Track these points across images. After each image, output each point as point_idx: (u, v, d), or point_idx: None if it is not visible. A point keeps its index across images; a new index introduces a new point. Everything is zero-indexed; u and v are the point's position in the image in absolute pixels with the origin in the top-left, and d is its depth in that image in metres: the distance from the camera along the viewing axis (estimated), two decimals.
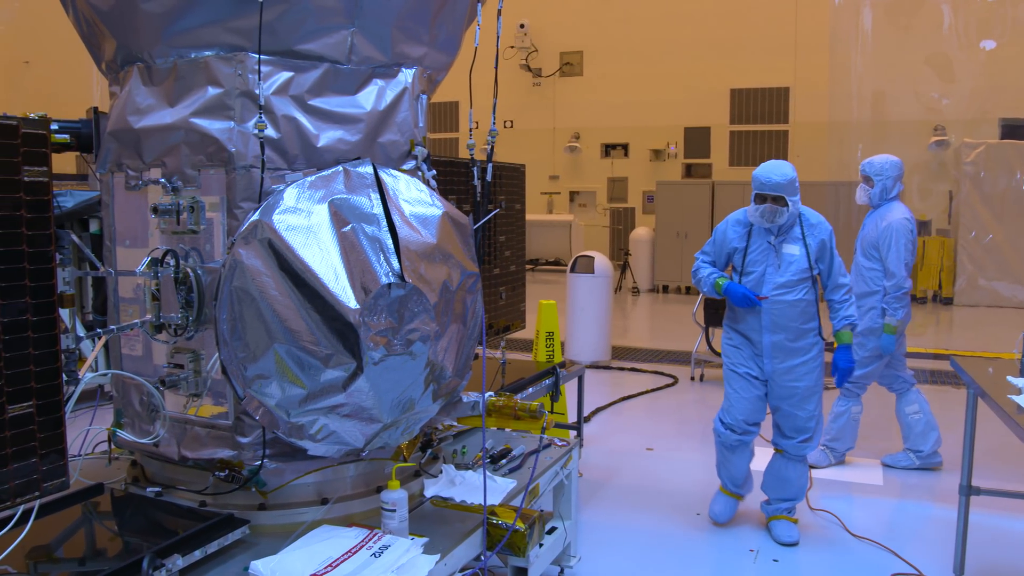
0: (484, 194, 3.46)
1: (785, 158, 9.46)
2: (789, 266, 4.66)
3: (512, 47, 20.74)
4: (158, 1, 3.08)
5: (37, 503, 2.66)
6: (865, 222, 6.05)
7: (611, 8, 20.15)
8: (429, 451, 3.74)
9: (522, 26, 21.09)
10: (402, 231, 2.95)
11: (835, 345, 4.82)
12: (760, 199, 4.61)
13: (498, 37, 3.60)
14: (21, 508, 2.64)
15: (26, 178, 2.53)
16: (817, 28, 17.20)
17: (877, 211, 5.97)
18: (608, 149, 21.45)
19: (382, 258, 2.86)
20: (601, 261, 9.73)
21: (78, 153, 3.73)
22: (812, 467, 6.02)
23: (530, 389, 5.31)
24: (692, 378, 9.04)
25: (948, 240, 15.08)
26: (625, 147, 21.25)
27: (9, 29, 15.15)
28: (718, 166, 19.89)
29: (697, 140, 20.33)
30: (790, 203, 4.56)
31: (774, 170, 4.55)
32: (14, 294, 2.50)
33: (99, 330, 3.16)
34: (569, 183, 21.77)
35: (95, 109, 3.60)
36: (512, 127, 20.74)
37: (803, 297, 4.66)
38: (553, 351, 6.20)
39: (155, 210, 3.14)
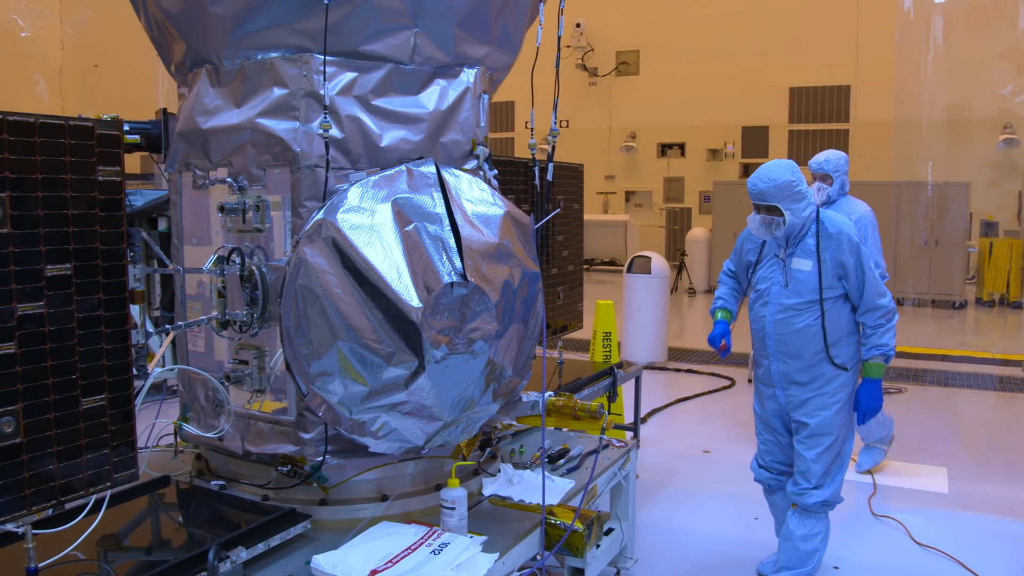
0: (545, 194, 3.46)
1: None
2: (799, 285, 3.95)
3: (568, 46, 20.72)
4: (227, 4, 3.13)
5: (108, 493, 2.73)
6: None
7: (668, 7, 20.00)
8: (488, 450, 3.75)
9: (578, 25, 21.04)
10: (464, 230, 2.96)
11: (860, 378, 4.09)
12: (756, 207, 3.96)
13: (559, 37, 3.60)
14: (93, 498, 2.71)
15: (100, 178, 2.59)
16: (881, 24, 16.87)
17: (835, 207, 5.66)
18: (664, 149, 21.30)
19: (444, 257, 2.88)
20: (658, 261, 9.66)
21: (146, 153, 3.82)
22: (871, 471, 5.90)
23: (587, 390, 5.29)
24: (749, 380, 8.91)
25: (1016, 242, 14.62)
26: (682, 147, 21.08)
27: (81, 33, 15.58)
28: None
29: (755, 139, 20.07)
30: (786, 212, 3.84)
31: (762, 175, 3.87)
32: (88, 290, 2.56)
33: (167, 326, 3.23)
34: (625, 183, 21.67)
35: (164, 110, 3.67)
36: (568, 127, 20.72)
37: (814, 323, 3.92)
38: (610, 351, 6.18)
39: (221, 209, 3.19)
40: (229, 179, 3.22)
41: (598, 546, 3.68)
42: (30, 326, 2.43)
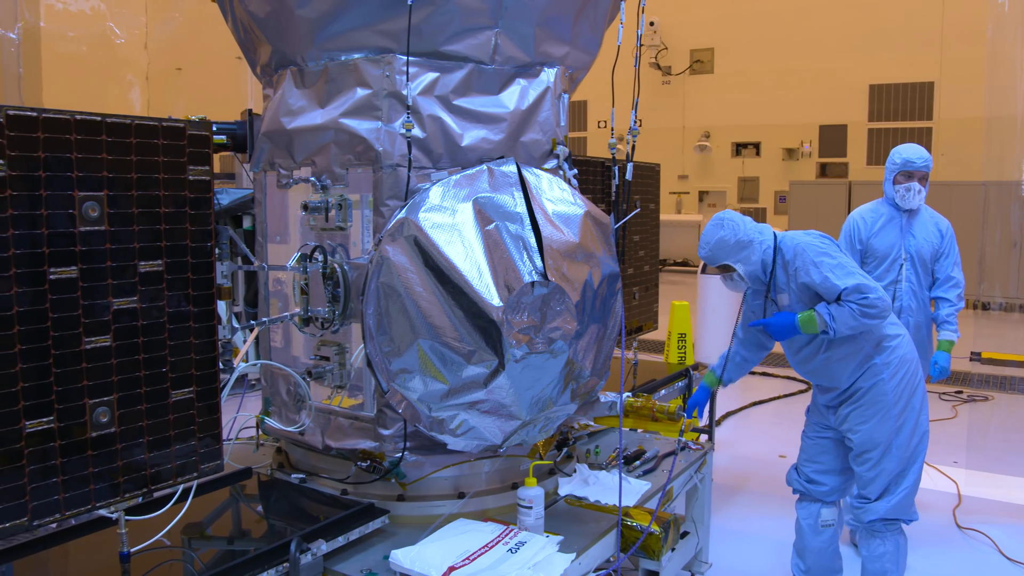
0: (625, 193, 3.44)
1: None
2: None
3: (641, 45, 20.53)
4: (312, 6, 3.19)
5: (195, 483, 2.81)
6: (911, 231, 4.85)
7: (744, 3, 19.69)
8: (564, 450, 3.75)
9: (651, 24, 20.86)
10: (545, 229, 2.96)
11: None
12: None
13: (639, 35, 3.57)
14: (181, 487, 2.79)
15: (191, 177, 2.66)
16: (968, 17, 16.32)
17: (917, 219, 4.88)
18: (739, 148, 20.98)
19: (525, 256, 2.88)
20: None
21: (231, 152, 3.91)
22: None
23: (663, 391, 5.24)
24: None
25: None
26: (757, 146, 20.74)
27: (166, 39, 16.07)
28: (855, 165, 19.14)
29: (833, 138, 19.62)
30: (736, 266, 3.69)
31: (702, 240, 3.73)
32: (178, 286, 2.64)
33: (252, 322, 3.30)
34: (698, 183, 21.42)
35: (249, 111, 3.76)
36: (640, 126, 20.51)
37: (828, 352, 3.72)
38: (685, 353, 6.11)
39: (305, 207, 3.25)
40: (312, 178, 3.28)
41: (673, 549, 3.64)
42: (124, 320, 2.51)
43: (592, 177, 5.02)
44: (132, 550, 2.76)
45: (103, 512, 2.63)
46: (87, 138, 2.39)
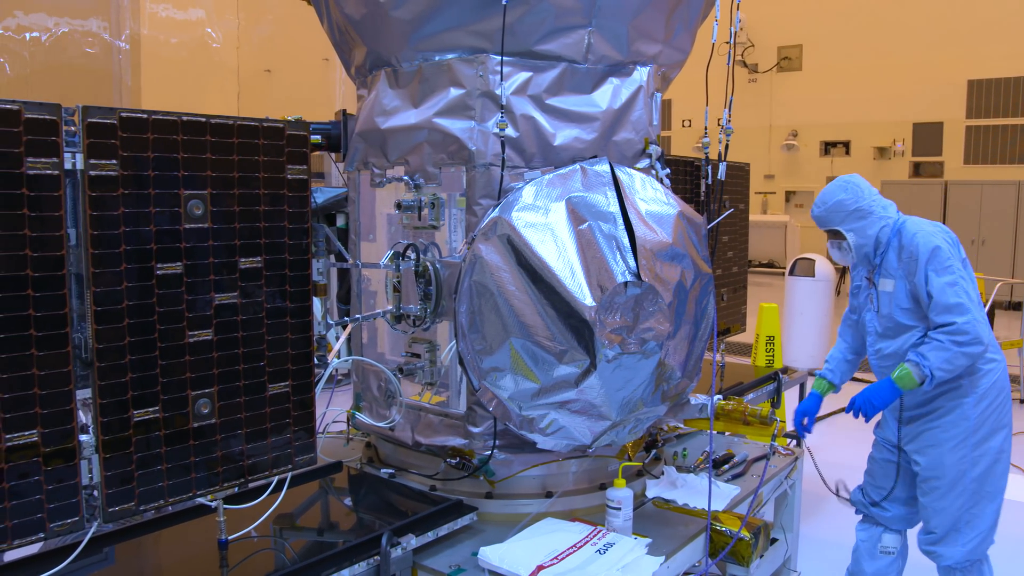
0: (718, 193, 3.39)
1: None
2: (885, 308, 3.52)
3: (727, 42, 20.23)
4: (407, 8, 3.23)
5: (289, 475, 2.87)
6: None
7: None
8: (653, 451, 3.72)
9: (739, 21, 20.49)
10: (638, 229, 2.94)
11: None
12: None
13: (734, 32, 3.52)
14: (276, 479, 2.86)
15: (289, 176, 2.72)
16: None
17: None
18: (828, 147, 20.47)
19: (618, 256, 2.87)
20: (822, 264, 9.29)
21: (326, 152, 3.99)
22: None
23: (751, 394, 5.16)
24: None
25: None
26: (846, 144, 20.20)
27: (259, 40, 16.50)
28: (951, 164, 18.46)
29: (927, 136, 18.96)
30: (848, 234, 3.52)
31: (818, 199, 3.59)
32: (276, 282, 2.70)
33: (345, 318, 3.36)
34: (785, 182, 20.98)
35: (343, 111, 3.82)
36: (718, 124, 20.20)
37: (907, 350, 3.46)
38: (773, 356, 6.00)
39: (399, 206, 3.29)
40: (406, 177, 3.32)
41: (762, 556, 3.58)
42: (225, 315, 2.59)
43: (680, 176, 4.97)
44: (229, 538, 2.84)
45: (202, 500, 2.72)
46: (192, 138, 2.46)
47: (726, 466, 3.90)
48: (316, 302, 3.01)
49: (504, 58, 3.14)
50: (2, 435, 2.13)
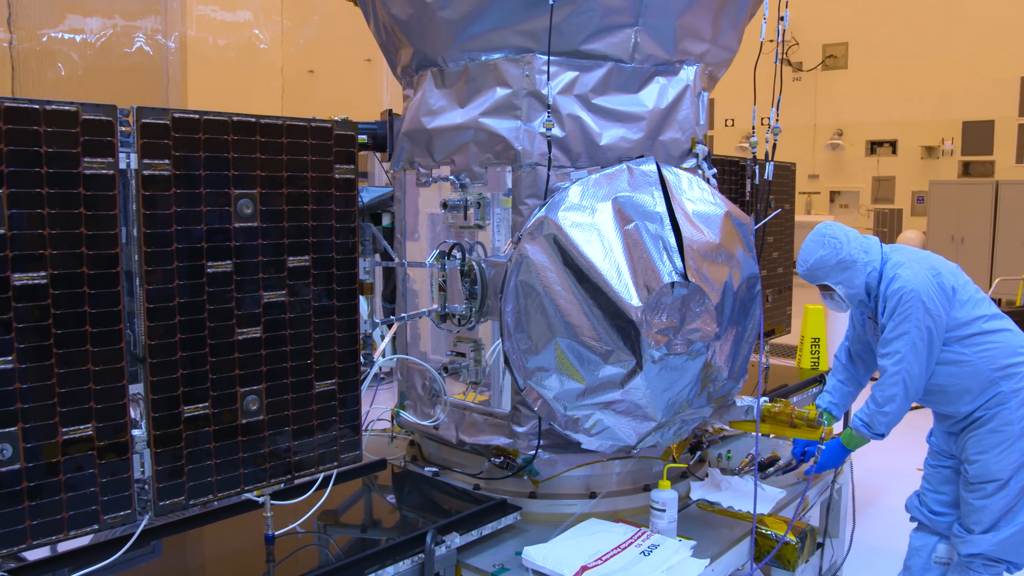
0: (765, 193, 3.35)
1: None
2: None
3: (771, 40, 19.98)
4: (453, 8, 3.24)
5: (335, 472, 2.89)
6: None
7: None
8: (697, 453, 3.69)
9: (782, 18, 20.26)
10: (685, 229, 2.92)
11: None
12: None
13: (782, 31, 3.48)
14: (321, 476, 2.88)
15: (337, 175, 2.74)
16: None
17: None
18: (874, 146, 20.14)
19: (665, 256, 2.85)
20: None
21: (372, 151, 4.01)
22: None
23: (795, 397, 5.09)
24: None
25: None
26: (893, 144, 19.86)
27: (302, 41, 16.70)
28: (1002, 164, 18.06)
29: (978, 135, 18.57)
30: (836, 287, 3.52)
31: (800, 256, 3.58)
32: (323, 281, 2.72)
33: (391, 317, 3.38)
34: (829, 182, 20.68)
35: (389, 111, 3.84)
36: (764, 124, 19.98)
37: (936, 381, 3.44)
38: (818, 358, 5.92)
39: (444, 205, 3.30)
40: (452, 176, 3.33)
41: (807, 561, 3.53)
42: (273, 313, 2.61)
43: (723, 176, 4.93)
44: (277, 533, 2.87)
45: (250, 495, 2.75)
46: (242, 138, 2.49)
47: (771, 469, 3.84)
48: (362, 301, 3.03)
49: (551, 57, 3.13)
50: (59, 428, 2.18)
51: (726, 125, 20.80)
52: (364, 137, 3.79)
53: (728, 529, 3.26)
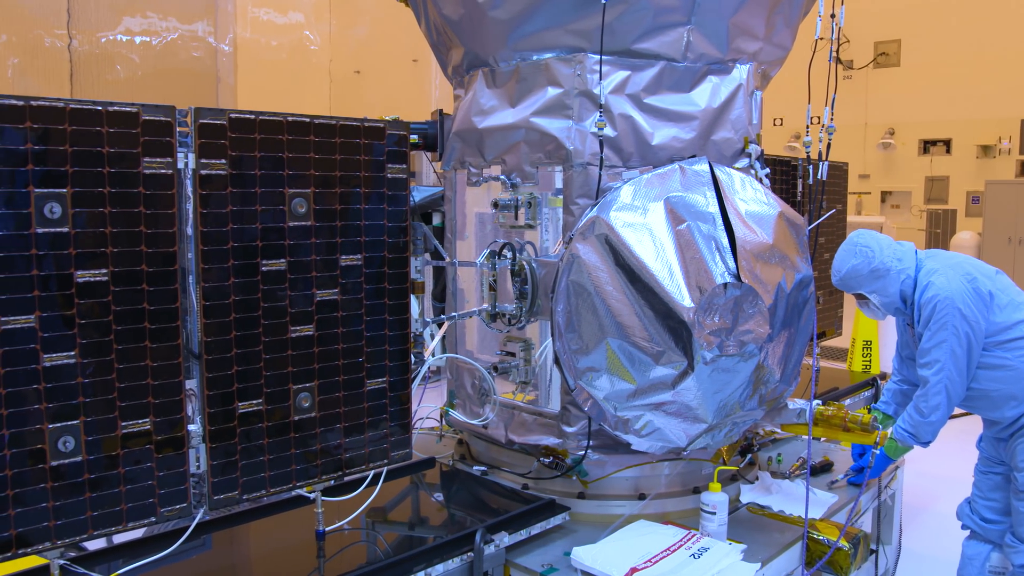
0: (818, 193, 3.30)
1: None
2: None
3: (821, 38, 19.69)
4: (505, 8, 3.24)
5: (385, 469, 2.91)
6: None
7: None
8: (748, 456, 3.65)
9: (832, 16, 19.96)
10: (738, 230, 2.89)
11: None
12: None
13: (837, 29, 3.43)
14: (372, 473, 2.90)
15: (389, 175, 2.76)
16: None
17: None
18: (927, 145, 19.73)
19: (717, 257, 2.82)
20: None
21: (423, 151, 4.02)
22: None
23: (847, 400, 5.01)
24: None
25: None
26: (947, 143, 19.43)
27: (349, 42, 16.85)
28: None
29: None
30: (870, 296, 3.49)
31: (834, 266, 3.52)
32: (375, 279, 2.74)
33: (441, 316, 3.39)
34: (880, 182, 20.30)
35: (440, 111, 3.86)
36: (819, 123, 19.70)
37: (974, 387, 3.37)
38: (870, 361, 5.82)
39: (495, 205, 3.31)
40: (503, 176, 3.33)
41: (860, 567, 3.47)
42: (325, 311, 2.64)
43: (773, 176, 4.86)
44: (327, 529, 2.90)
45: (301, 491, 2.78)
46: (297, 138, 2.52)
47: (841, 476, 3.75)
48: (413, 300, 3.04)
49: (602, 57, 3.12)
50: (119, 422, 2.22)
51: (775, 124, 20.53)
52: (415, 137, 3.81)
53: (779, 533, 3.22)
